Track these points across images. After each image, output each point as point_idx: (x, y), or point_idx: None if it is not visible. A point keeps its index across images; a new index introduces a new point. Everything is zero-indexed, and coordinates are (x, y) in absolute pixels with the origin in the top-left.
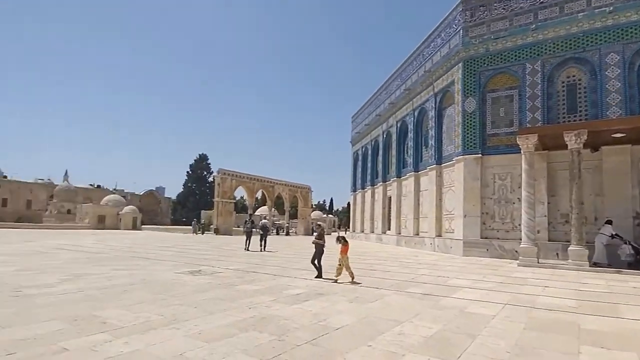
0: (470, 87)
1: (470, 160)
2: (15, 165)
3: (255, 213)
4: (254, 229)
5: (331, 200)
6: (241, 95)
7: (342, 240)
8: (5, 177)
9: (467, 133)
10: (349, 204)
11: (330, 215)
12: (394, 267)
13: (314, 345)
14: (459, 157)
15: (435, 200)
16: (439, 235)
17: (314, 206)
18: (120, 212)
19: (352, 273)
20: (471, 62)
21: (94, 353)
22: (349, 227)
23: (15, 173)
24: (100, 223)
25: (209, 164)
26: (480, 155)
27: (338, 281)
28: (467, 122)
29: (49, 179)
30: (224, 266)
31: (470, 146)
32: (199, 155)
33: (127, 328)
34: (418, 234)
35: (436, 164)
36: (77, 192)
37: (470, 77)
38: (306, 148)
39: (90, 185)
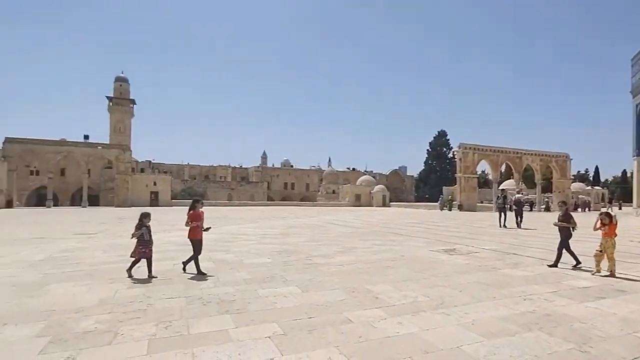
0: None
1: None
2: (296, 155)
3: (499, 188)
4: (506, 205)
5: (596, 169)
6: (483, 66)
7: (607, 218)
8: (292, 166)
9: None
10: (624, 172)
11: (596, 188)
12: None
13: None
14: None
15: None
16: None
17: (572, 177)
18: (372, 191)
19: (614, 266)
20: None
21: (374, 330)
22: (625, 202)
23: (297, 163)
24: (357, 201)
25: (448, 139)
26: None
27: (598, 273)
28: None
29: (318, 166)
30: (478, 245)
31: None
32: (438, 132)
33: (398, 307)
34: None
35: None
36: (338, 175)
37: None
38: (561, 111)
39: (347, 168)
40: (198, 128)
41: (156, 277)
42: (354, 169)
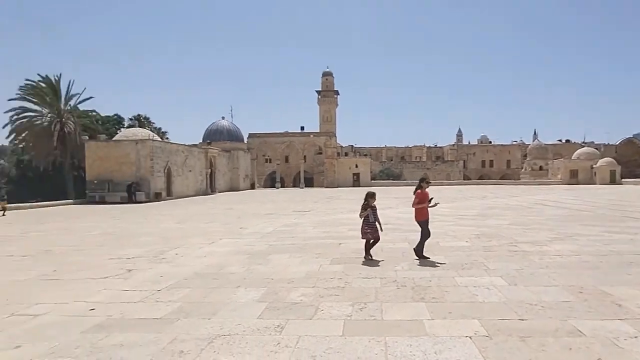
0: None
1: None
2: (495, 130)
3: None
4: None
5: None
6: None
7: None
8: (490, 142)
9: None
10: None
11: None
12: None
13: None
14: None
15: None
16: None
17: None
18: (594, 166)
19: None
20: None
21: (620, 352)
22: None
23: (496, 139)
24: (573, 178)
25: None
26: None
27: None
28: None
29: (521, 140)
30: None
31: None
32: None
33: None
34: None
35: None
36: (547, 149)
37: None
38: None
39: (559, 140)
40: (394, 111)
41: (371, 258)
42: (567, 140)
